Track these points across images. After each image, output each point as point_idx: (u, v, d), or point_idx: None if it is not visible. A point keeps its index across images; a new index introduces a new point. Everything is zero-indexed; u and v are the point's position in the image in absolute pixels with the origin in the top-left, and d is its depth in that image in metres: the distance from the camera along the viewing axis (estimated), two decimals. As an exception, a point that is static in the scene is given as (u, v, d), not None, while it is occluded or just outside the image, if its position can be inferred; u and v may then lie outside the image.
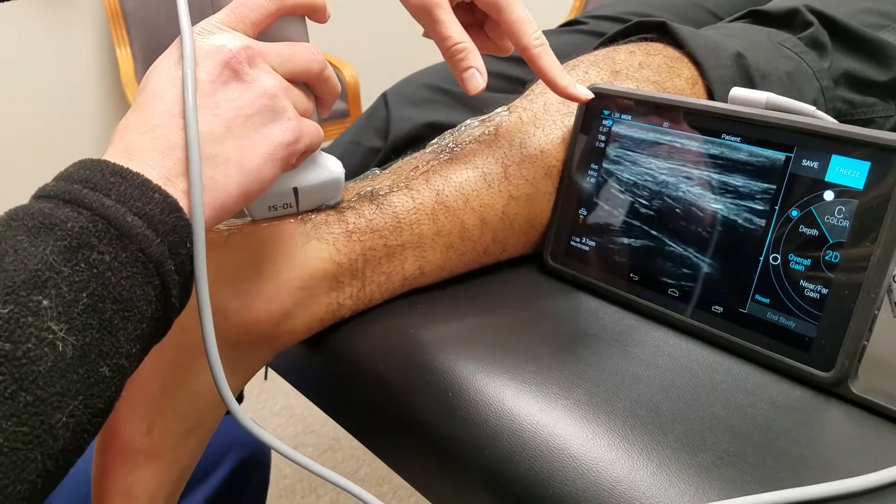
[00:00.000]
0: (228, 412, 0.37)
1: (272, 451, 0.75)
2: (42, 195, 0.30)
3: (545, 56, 0.45)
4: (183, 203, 0.32)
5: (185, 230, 0.31)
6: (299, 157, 0.39)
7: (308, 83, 0.40)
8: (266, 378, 0.53)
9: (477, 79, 0.44)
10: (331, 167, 0.44)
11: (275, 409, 1.49)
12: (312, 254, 0.43)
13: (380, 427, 0.44)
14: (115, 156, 0.32)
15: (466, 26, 0.45)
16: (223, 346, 0.41)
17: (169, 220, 0.31)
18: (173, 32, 0.35)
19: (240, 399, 0.74)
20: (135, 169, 0.31)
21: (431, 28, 0.44)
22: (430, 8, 0.44)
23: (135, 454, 0.40)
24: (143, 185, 0.30)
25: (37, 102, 2.02)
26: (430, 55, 0.52)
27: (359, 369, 0.44)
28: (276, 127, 0.36)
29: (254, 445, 0.72)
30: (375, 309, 0.47)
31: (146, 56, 1.99)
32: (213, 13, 0.39)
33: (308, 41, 0.41)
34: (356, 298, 0.45)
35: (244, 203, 0.35)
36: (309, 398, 0.51)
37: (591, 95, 0.46)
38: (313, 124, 0.39)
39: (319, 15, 0.40)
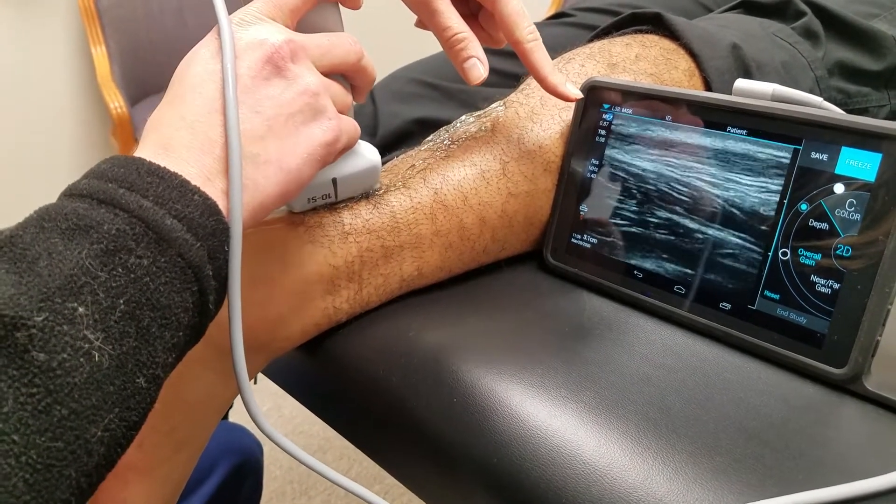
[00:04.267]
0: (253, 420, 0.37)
1: (263, 455, 0.74)
2: (74, 194, 0.28)
3: (537, 51, 0.44)
4: (222, 203, 0.30)
5: (223, 234, 0.30)
6: (336, 154, 0.38)
7: (346, 74, 0.40)
8: (255, 382, 0.51)
9: (478, 68, 0.43)
10: (367, 155, 0.43)
11: (263, 410, 1.47)
12: (307, 257, 0.42)
13: (380, 435, 0.42)
14: (149, 152, 0.30)
15: (461, 16, 0.44)
16: (215, 357, 0.40)
17: (208, 224, 0.29)
18: (150, 29, 0.34)
19: (227, 411, 0.72)
20: (172, 166, 0.29)
21: (430, 18, 0.43)
22: None
23: (126, 470, 0.39)
24: (181, 186, 0.29)
25: (9, 103, 1.97)
26: (417, 49, 0.50)
27: (357, 375, 0.43)
28: (317, 126, 0.35)
29: (246, 451, 0.70)
30: (373, 312, 0.45)
31: (122, 55, 1.95)
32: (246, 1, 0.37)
33: (343, 29, 0.40)
34: (353, 302, 0.44)
35: (282, 203, 0.34)
36: (304, 405, 0.50)
37: (580, 95, 0.45)
38: (351, 122, 0.38)
39: (353, 1, 0.39)
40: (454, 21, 0.43)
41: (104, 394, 0.25)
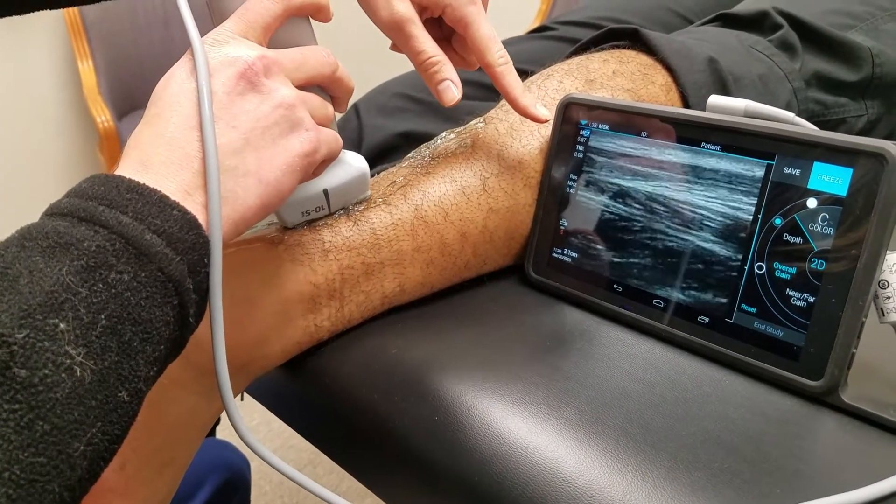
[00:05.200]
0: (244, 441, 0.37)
1: (250, 471, 0.74)
2: (55, 212, 0.29)
3: (508, 75, 0.45)
4: (202, 217, 0.31)
5: (204, 247, 0.31)
6: (319, 166, 0.38)
7: (322, 85, 0.40)
8: (242, 399, 0.51)
9: (452, 90, 0.44)
10: (355, 163, 0.44)
11: (252, 425, 1.46)
12: (287, 276, 0.42)
13: (363, 453, 0.42)
14: (129, 170, 0.31)
15: (434, 40, 0.45)
16: (196, 377, 0.40)
17: (188, 238, 0.30)
18: (137, 43, 0.35)
19: (214, 427, 0.72)
20: (151, 183, 0.30)
21: (404, 43, 0.44)
22: (402, 23, 0.43)
23: (107, 492, 0.39)
24: (160, 202, 0.29)
25: (-5, 118, 1.97)
26: (401, 64, 0.51)
27: (339, 393, 0.43)
28: (295, 138, 0.35)
29: (233, 468, 0.70)
30: (355, 330, 0.45)
31: (109, 69, 1.94)
32: (213, 20, 0.38)
33: (315, 42, 0.41)
34: (334, 319, 0.44)
35: (263, 215, 0.35)
36: (287, 423, 0.50)
37: (549, 117, 0.46)
38: (331, 133, 0.39)
39: (324, 14, 0.40)
40: (427, 45, 0.44)
41: (86, 408, 0.25)
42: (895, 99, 0.60)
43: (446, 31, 0.48)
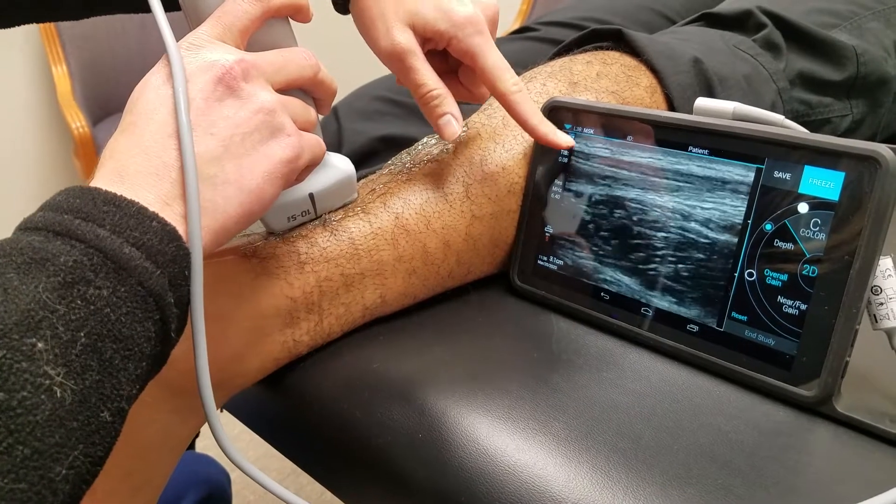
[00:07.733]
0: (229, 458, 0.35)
1: (230, 485, 0.72)
2: (29, 227, 0.27)
3: (524, 102, 0.43)
4: (181, 228, 0.30)
5: (184, 260, 0.30)
6: (302, 172, 0.37)
7: (304, 88, 0.39)
8: (221, 411, 0.49)
9: (453, 125, 0.43)
10: (341, 165, 0.43)
11: (233, 434, 1.44)
12: (262, 290, 0.40)
13: (344, 471, 0.41)
14: (105, 181, 0.30)
15: (440, 73, 0.44)
16: (168, 396, 0.38)
17: (168, 250, 0.29)
18: (112, 47, 0.33)
19: (194, 440, 0.70)
20: (128, 194, 0.29)
21: (405, 75, 0.43)
22: (402, 55, 0.42)
23: (77, 519, 0.37)
24: (139, 214, 0.28)
25: (-33, 125, 1.92)
26: (381, 67, 0.50)
27: (319, 410, 0.41)
28: (276, 144, 0.34)
29: (212, 483, 0.68)
30: (335, 343, 0.44)
31: (84, 74, 1.91)
32: (189, 24, 0.37)
33: (296, 44, 0.40)
34: (313, 333, 0.43)
35: (246, 224, 0.33)
36: (266, 440, 0.48)
37: (571, 143, 0.44)
38: (314, 137, 0.37)
39: (303, 15, 0.39)
40: (429, 78, 0.42)
41: (68, 430, 0.24)
42: (879, 98, 0.60)
43: (452, 64, 0.47)
